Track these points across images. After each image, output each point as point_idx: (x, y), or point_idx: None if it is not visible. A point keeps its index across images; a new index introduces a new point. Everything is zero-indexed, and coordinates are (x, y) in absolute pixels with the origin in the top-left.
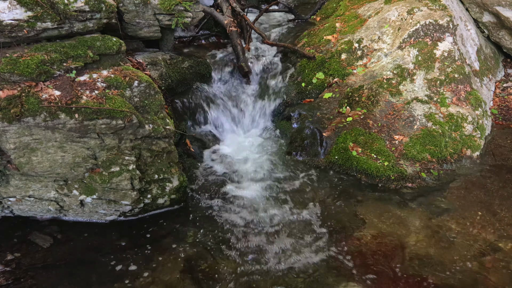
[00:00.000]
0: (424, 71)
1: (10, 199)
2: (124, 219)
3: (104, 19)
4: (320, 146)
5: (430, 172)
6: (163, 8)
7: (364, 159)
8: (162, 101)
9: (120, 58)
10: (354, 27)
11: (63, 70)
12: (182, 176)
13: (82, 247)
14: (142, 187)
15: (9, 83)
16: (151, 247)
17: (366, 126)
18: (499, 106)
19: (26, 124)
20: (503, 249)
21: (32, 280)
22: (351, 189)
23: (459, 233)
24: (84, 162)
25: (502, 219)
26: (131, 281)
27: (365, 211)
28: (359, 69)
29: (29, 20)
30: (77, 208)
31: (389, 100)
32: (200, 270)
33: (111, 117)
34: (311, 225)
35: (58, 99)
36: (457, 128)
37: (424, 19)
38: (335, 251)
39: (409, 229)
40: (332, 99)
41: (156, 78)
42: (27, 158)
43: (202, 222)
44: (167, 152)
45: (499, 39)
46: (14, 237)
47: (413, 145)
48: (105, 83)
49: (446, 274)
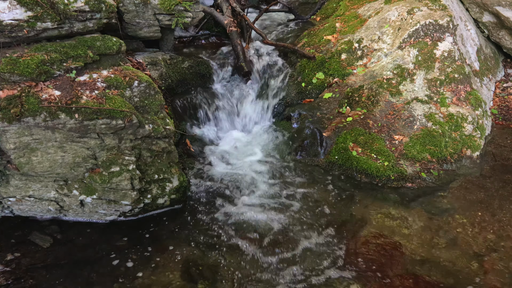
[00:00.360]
0: (424, 71)
1: (10, 199)
2: (124, 219)
3: (104, 19)
4: (320, 146)
5: (430, 172)
6: (163, 8)
7: (364, 159)
8: (162, 101)
9: (120, 58)
10: (354, 27)
11: (63, 70)
12: (182, 176)
13: (82, 247)
14: (142, 187)
15: (9, 83)
16: (151, 247)
17: (366, 126)
18: (499, 106)
19: (26, 124)
20: (503, 249)
21: (32, 280)
22: (351, 189)
23: (459, 233)
24: (84, 162)
25: (502, 219)
26: (131, 281)
27: (365, 211)
28: (359, 69)
29: (29, 20)
30: (77, 208)
31: (389, 100)
32: (200, 270)
33: (111, 117)
34: (310, 225)
35: (58, 99)
36: (457, 128)
37: (424, 19)
38: (334, 251)
39: (409, 229)
40: (332, 99)
41: (156, 78)
42: (27, 158)
43: (202, 222)
44: (167, 152)
45: (499, 39)
46: (14, 237)
47: (413, 145)
48: (105, 83)
49: (446, 274)
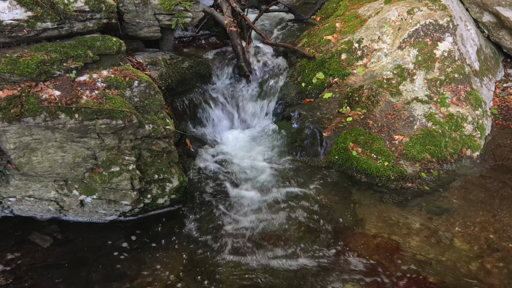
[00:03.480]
0: (424, 71)
1: (10, 199)
2: (124, 219)
3: (104, 19)
4: (320, 146)
5: (430, 172)
6: (163, 8)
7: (364, 159)
8: (162, 101)
9: (120, 58)
10: (354, 27)
11: (63, 70)
12: (182, 176)
13: (82, 247)
14: (142, 187)
15: (9, 83)
16: (151, 247)
17: (366, 126)
18: (499, 106)
19: (26, 124)
20: (503, 249)
21: (32, 280)
22: (351, 189)
23: (459, 233)
24: (84, 162)
25: (502, 219)
26: (131, 281)
27: (365, 211)
28: (359, 69)
29: (29, 20)
30: (77, 208)
31: (389, 100)
32: (200, 271)
33: (111, 117)
34: (310, 225)
35: (58, 99)
36: (457, 128)
37: (424, 19)
38: (334, 251)
39: (409, 229)
40: (332, 99)
41: (156, 78)
42: (27, 158)
43: (202, 222)
44: (167, 152)
45: (499, 39)
46: (14, 237)
47: (413, 145)
48: (105, 83)
49: (446, 274)
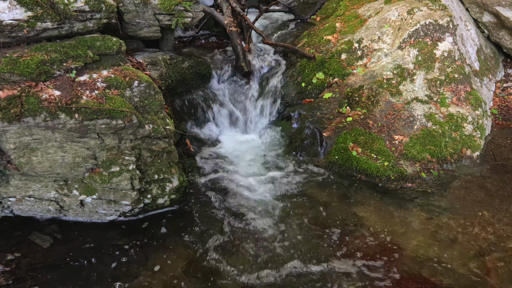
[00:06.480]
0: (424, 71)
1: (10, 199)
2: (124, 219)
3: (104, 19)
4: (320, 146)
5: (430, 172)
6: (163, 8)
7: (364, 159)
8: (162, 101)
9: (120, 58)
10: (354, 27)
11: (63, 70)
12: (182, 176)
13: (82, 247)
14: (142, 187)
15: (9, 83)
16: (151, 247)
17: (366, 126)
18: (499, 106)
19: (26, 124)
20: (503, 249)
21: (32, 280)
22: (351, 189)
23: (459, 233)
24: (84, 162)
25: (502, 219)
26: (131, 281)
27: (365, 211)
28: (359, 69)
29: (29, 20)
30: (77, 208)
31: (389, 100)
32: (201, 271)
33: (111, 117)
34: (310, 225)
35: (58, 99)
36: (457, 128)
37: (424, 19)
38: (334, 251)
39: (409, 229)
40: (332, 99)
41: (156, 78)
42: (27, 158)
43: (202, 222)
44: (167, 152)
45: (499, 39)
46: (14, 237)
47: (413, 145)
48: (105, 83)
49: (446, 274)
